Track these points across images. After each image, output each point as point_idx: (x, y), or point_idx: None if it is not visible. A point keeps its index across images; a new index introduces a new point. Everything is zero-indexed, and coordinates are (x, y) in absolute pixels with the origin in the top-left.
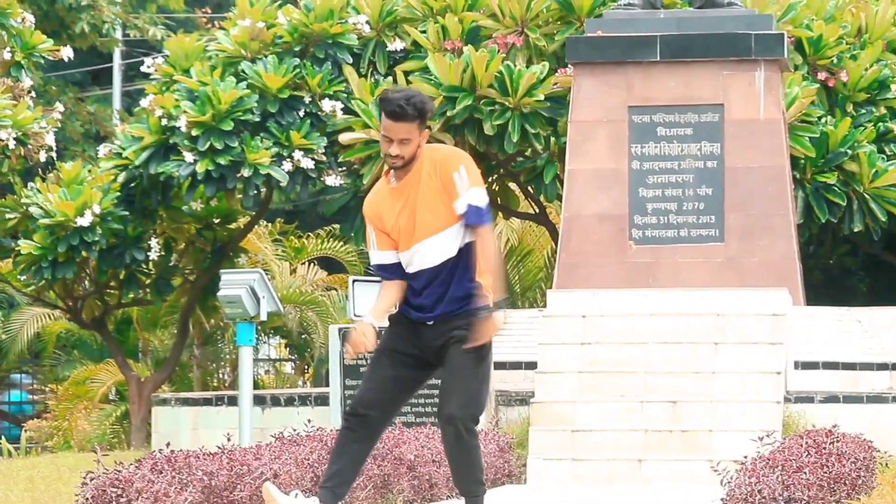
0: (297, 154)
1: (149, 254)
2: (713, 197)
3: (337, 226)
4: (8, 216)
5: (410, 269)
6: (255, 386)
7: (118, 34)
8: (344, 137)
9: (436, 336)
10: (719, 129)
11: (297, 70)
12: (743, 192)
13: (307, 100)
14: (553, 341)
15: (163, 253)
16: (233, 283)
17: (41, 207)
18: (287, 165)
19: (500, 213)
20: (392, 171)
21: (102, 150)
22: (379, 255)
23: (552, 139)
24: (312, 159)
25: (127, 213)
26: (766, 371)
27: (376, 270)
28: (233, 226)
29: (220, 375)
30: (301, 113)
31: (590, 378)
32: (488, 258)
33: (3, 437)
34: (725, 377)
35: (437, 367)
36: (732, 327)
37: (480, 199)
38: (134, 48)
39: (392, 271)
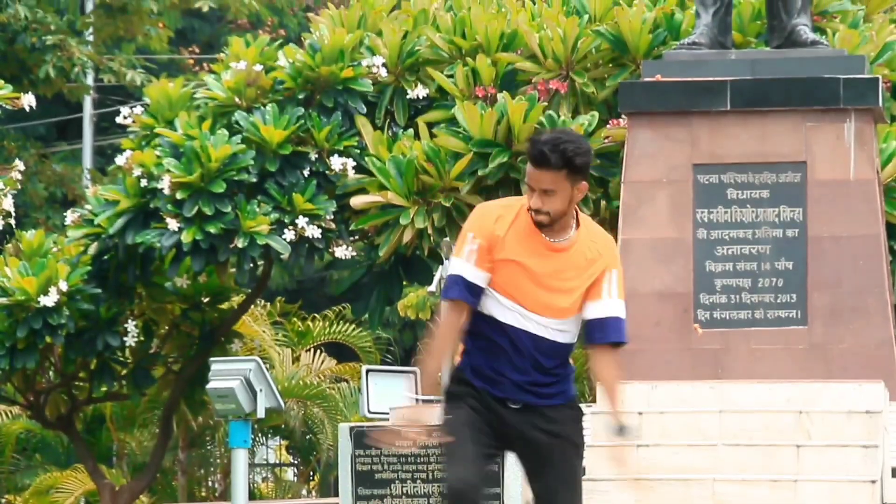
0: (301, 221)
1: (125, 339)
2: (794, 272)
3: (348, 306)
4: None
5: (507, 320)
6: (251, 496)
7: (89, 79)
8: (356, 201)
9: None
10: (801, 192)
11: (302, 121)
12: (830, 267)
13: (313, 156)
14: (604, 443)
15: (141, 338)
16: (224, 374)
17: None
18: (289, 234)
19: None
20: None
21: (70, 216)
22: (470, 271)
23: (602, 203)
24: (319, 227)
25: (99, 290)
26: (859, 479)
27: (449, 286)
28: (225, 306)
29: (210, 483)
30: (306, 172)
31: (648, 487)
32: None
33: None
34: (810, 486)
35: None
36: (818, 427)
37: (623, 313)
38: (108, 96)
39: (474, 294)
